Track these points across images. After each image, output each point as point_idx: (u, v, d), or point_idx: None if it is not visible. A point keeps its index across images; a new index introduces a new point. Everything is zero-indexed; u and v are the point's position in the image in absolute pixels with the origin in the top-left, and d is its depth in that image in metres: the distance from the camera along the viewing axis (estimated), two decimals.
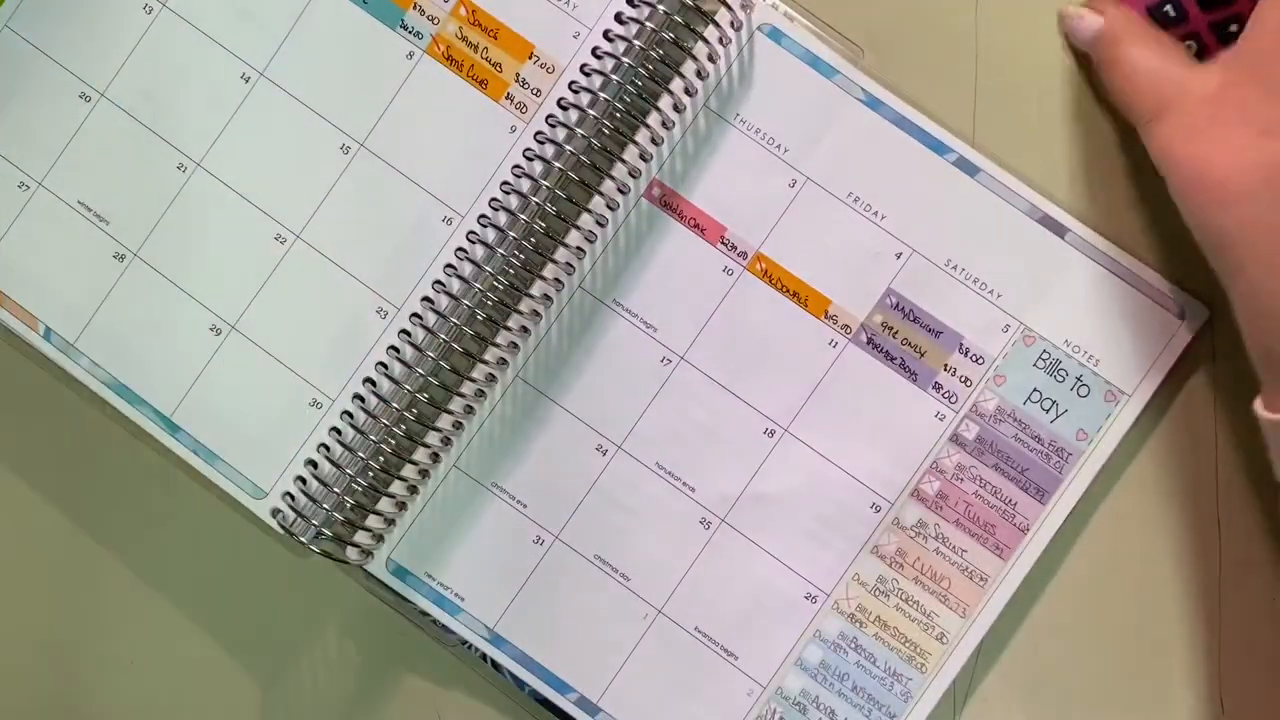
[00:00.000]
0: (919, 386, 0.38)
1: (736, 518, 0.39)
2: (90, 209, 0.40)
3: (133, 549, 0.41)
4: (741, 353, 0.38)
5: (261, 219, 0.40)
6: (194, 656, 0.41)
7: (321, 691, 0.41)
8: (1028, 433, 0.38)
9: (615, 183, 0.38)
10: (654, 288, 0.39)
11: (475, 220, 0.39)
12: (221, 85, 0.40)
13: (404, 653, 0.41)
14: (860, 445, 0.38)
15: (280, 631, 0.41)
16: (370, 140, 0.39)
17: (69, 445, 0.42)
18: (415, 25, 0.39)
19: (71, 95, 0.40)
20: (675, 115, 0.38)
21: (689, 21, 0.36)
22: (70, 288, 0.40)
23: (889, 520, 0.38)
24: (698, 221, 0.38)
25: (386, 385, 0.39)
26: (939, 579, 0.38)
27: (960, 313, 0.38)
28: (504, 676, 0.40)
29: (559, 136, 0.38)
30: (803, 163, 0.38)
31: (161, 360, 0.40)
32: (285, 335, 0.40)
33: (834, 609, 0.38)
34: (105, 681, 0.42)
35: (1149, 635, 0.38)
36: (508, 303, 0.38)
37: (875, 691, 0.38)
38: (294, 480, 0.39)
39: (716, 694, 0.39)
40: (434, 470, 0.39)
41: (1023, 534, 0.38)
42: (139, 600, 0.41)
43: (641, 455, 0.39)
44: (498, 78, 0.39)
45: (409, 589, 0.40)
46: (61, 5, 0.40)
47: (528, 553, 0.39)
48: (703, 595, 0.39)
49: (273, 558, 0.41)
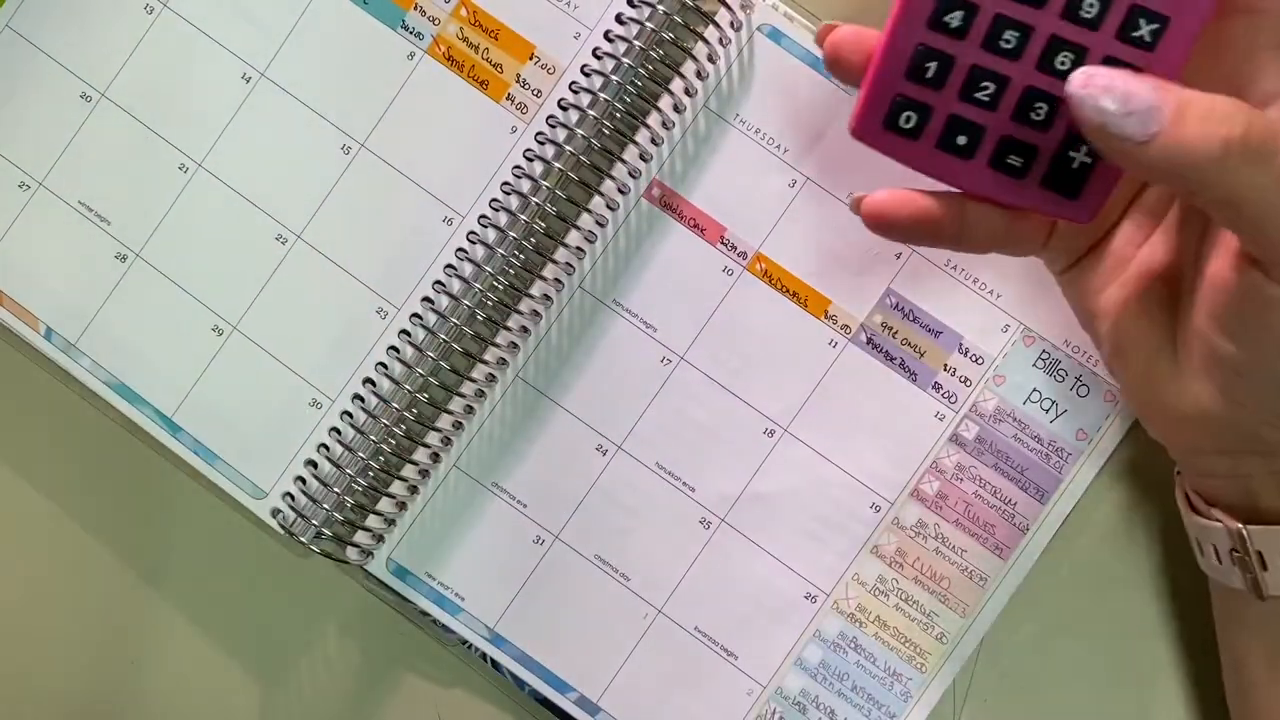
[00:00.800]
0: (919, 386, 0.38)
1: (736, 518, 0.39)
2: (91, 209, 0.40)
3: (132, 549, 0.41)
4: (741, 353, 0.38)
5: (262, 219, 0.40)
6: (194, 656, 0.41)
7: (321, 691, 0.41)
8: (1027, 433, 0.38)
9: (615, 183, 0.38)
10: (654, 288, 0.39)
11: (475, 220, 0.39)
12: (222, 85, 0.40)
13: (404, 653, 0.41)
14: (860, 445, 0.38)
15: (280, 631, 0.41)
16: (371, 140, 0.39)
17: (69, 445, 0.42)
18: (416, 26, 0.39)
19: (72, 95, 0.40)
20: (675, 115, 0.38)
21: (689, 22, 0.36)
22: (71, 288, 0.41)
23: (889, 520, 0.38)
24: (698, 221, 0.38)
25: (386, 385, 0.39)
26: (939, 579, 0.38)
27: (960, 313, 0.38)
28: (504, 676, 0.40)
29: (559, 137, 0.38)
30: (803, 163, 0.38)
31: (162, 360, 0.40)
32: (286, 335, 0.40)
33: (834, 609, 0.38)
34: (105, 681, 0.42)
35: (1149, 635, 0.38)
36: (508, 303, 0.38)
37: (875, 691, 0.38)
38: (294, 480, 0.39)
39: (716, 694, 0.39)
40: (434, 470, 0.39)
41: (1022, 534, 0.38)
42: (139, 600, 0.41)
43: (641, 455, 0.39)
44: (498, 78, 0.39)
45: (409, 589, 0.40)
46: (62, 5, 0.40)
47: (528, 553, 0.39)
48: (703, 595, 0.39)
49: (273, 558, 0.41)
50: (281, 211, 0.40)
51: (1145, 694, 0.38)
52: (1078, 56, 0.27)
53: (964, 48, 0.28)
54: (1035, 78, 0.28)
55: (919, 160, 0.29)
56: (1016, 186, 0.29)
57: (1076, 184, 0.29)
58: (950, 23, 0.28)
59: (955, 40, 0.28)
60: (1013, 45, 0.28)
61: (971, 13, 0.27)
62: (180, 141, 0.40)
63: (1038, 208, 0.29)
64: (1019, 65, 0.28)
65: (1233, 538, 0.31)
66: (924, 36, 0.28)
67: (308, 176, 0.39)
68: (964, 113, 0.29)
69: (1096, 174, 0.29)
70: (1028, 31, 0.27)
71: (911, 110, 0.29)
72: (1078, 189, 0.29)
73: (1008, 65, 0.28)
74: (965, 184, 0.29)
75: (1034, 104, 0.28)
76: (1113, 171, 0.29)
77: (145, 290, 0.40)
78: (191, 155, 0.40)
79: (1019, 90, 0.28)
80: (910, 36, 0.28)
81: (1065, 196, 0.29)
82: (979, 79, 0.28)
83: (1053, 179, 0.29)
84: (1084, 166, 0.29)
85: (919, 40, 0.28)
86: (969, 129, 0.29)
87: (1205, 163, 0.24)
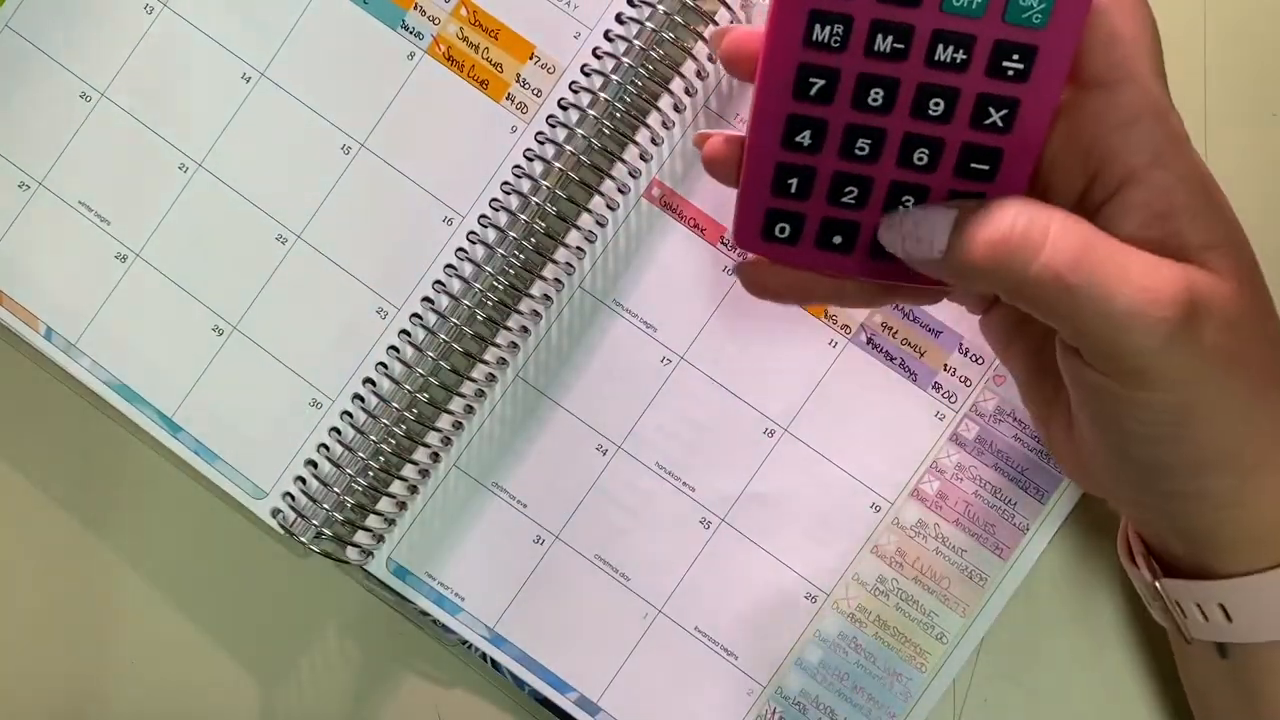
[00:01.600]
0: (919, 386, 0.38)
1: (736, 518, 0.39)
2: (91, 209, 0.40)
3: (133, 549, 0.41)
4: (741, 353, 0.38)
5: (263, 219, 0.40)
6: (194, 656, 0.41)
7: (321, 691, 0.41)
8: (1027, 432, 0.38)
9: (615, 183, 0.38)
10: (654, 288, 0.39)
11: (476, 220, 0.39)
12: (222, 85, 0.40)
13: (404, 653, 0.41)
14: (860, 445, 0.38)
15: (280, 631, 0.41)
16: (371, 140, 0.39)
17: (69, 445, 0.42)
18: (416, 25, 0.39)
19: (72, 95, 0.40)
20: (675, 115, 0.38)
21: (689, 22, 0.36)
22: (71, 288, 0.41)
23: (889, 520, 0.38)
24: (698, 221, 0.38)
25: (386, 385, 0.39)
26: (939, 579, 0.38)
27: (960, 312, 0.38)
28: (504, 676, 0.40)
29: (559, 137, 0.38)
30: None
31: (163, 360, 0.40)
32: (286, 335, 0.40)
33: (834, 609, 0.38)
34: (105, 681, 0.42)
35: (1149, 635, 0.38)
36: (508, 303, 0.38)
37: (875, 691, 0.38)
38: (294, 480, 0.39)
39: (716, 694, 0.39)
40: (434, 470, 0.39)
41: (1022, 534, 0.38)
42: (139, 600, 0.41)
43: (641, 455, 0.39)
44: (498, 78, 0.39)
45: (409, 589, 0.40)
46: (61, 5, 0.40)
47: (528, 552, 0.39)
48: (703, 595, 0.39)
49: (273, 558, 0.41)
50: (281, 211, 0.40)
51: (1145, 694, 0.38)
52: (933, 151, 0.27)
53: (822, 159, 0.28)
54: (897, 173, 0.28)
55: (804, 261, 0.30)
56: (902, 267, 0.29)
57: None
58: (802, 141, 0.28)
59: (811, 155, 0.28)
60: (868, 151, 0.28)
61: (821, 128, 0.28)
62: (180, 141, 0.40)
63: (926, 284, 0.29)
64: (879, 167, 0.28)
65: (1149, 588, 0.32)
66: (780, 155, 0.28)
67: (308, 176, 0.39)
68: (835, 214, 0.29)
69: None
70: (881, 134, 0.28)
71: (784, 221, 0.29)
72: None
73: (868, 168, 0.28)
74: (852, 273, 0.30)
75: (900, 197, 0.28)
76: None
77: (145, 290, 0.40)
78: (191, 155, 0.40)
79: (885, 186, 0.28)
80: (766, 156, 0.28)
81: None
82: (843, 184, 0.28)
83: None
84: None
85: (777, 158, 0.28)
86: (844, 228, 0.29)
87: (978, 271, 0.26)
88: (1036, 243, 0.25)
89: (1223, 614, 0.30)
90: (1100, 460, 0.30)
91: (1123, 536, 0.34)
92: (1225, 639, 0.31)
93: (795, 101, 0.27)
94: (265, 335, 0.40)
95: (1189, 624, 0.32)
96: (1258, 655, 0.31)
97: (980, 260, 0.26)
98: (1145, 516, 0.32)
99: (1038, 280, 0.25)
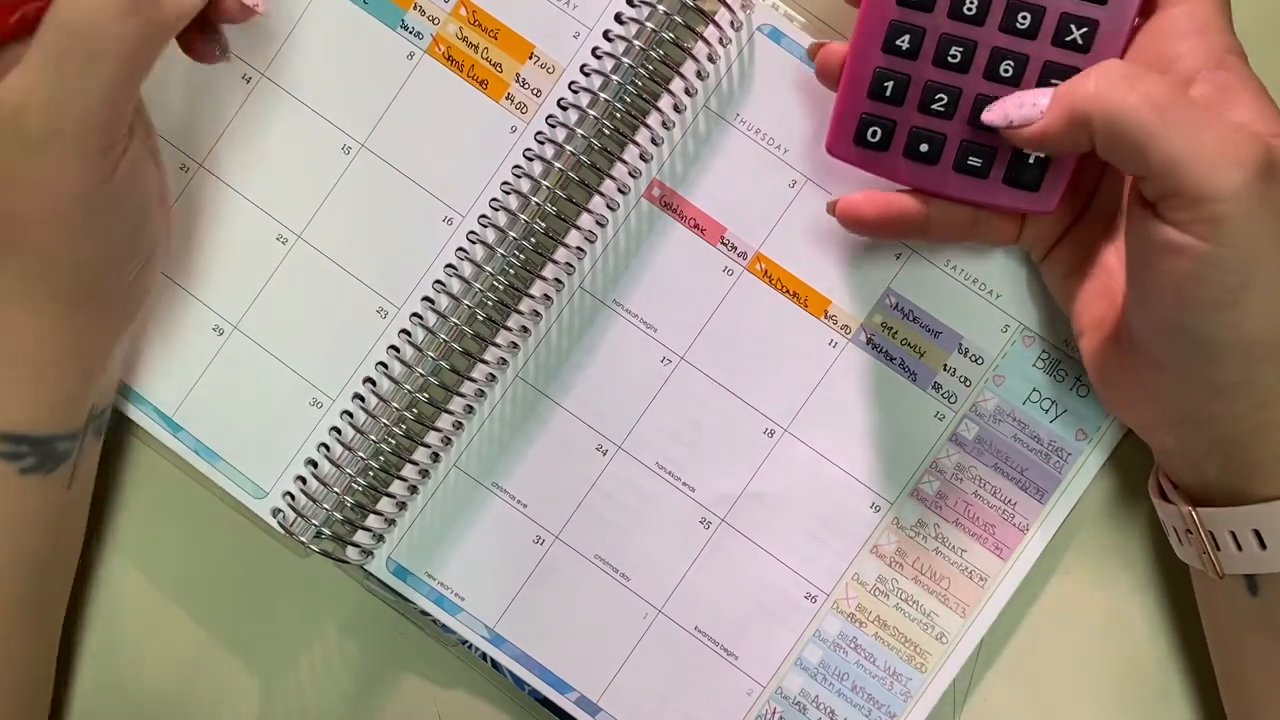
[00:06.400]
0: (919, 386, 0.38)
1: (736, 518, 0.39)
2: None
3: (133, 548, 0.41)
4: (741, 353, 0.38)
5: (263, 219, 0.40)
6: (194, 656, 0.41)
7: (321, 691, 0.41)
8: (1027, 432, 0.38)
9: (615, 183, 0.38)
10: (654, 288, 0.39)
11: (475, 220, 0.39)
12: (223, 86, 0.40)
13: (404, 653, 0.41)
14: (860, 445, 0.38)
15: (280, 631, 0.41)
16: (371, 140, 0.39)
17: None
18: (415, 25, 0.39)
19: None
20: (675, 115, 0.38)
21: (689, 21, 0.36)
22: None
23: (889, 520, 0.38)
24: (698, 222, 0.38)
25: (386, 385, 0.39)
26: (939, 579, 0.38)
27: (960, 313, 0.38)
28: (504, 676, 0.40)
29: (559, 137, 0.38)
30: (803, 163, 0.38)
31: (163, 360, 0.40)
32: (286, 335, 0.40)
33: (834, 609, 0.38)
34: (106, 681, 0.42)
35: (1149, 634, 0.38)
36: (508, 303, 0.38)
37: (875, 691, 0.38)
38: (294, 480, 0.39)
39: (716, 693, 0.39)
40: (434, 470, 0.39)
41: (1022, 534, 0.38)
42: (139, 600, 0.41)
43: (641, 455, 0.39)
44: (498, 78, 0.39)
45: (409, 589, 0.40)
46: None
47: (528, 553, 0.39)
48: (703, 595, 0.39)
49: (273, 558, 0.41)
50: (282, 211, 0.40)
51: (1145, 694, 0.38)
52: (1019, 64, 0.31)
53: (917, 66, 0.32)
54: (984, 86, 0.32)
55: (890, 170, 0.33)
56: (982, 186, 0.32)
57: (1035, 178, 0.32)
58: (901, 45, 0.32)
59: (908, 61, 0.32)
60: (959, 60, 0.32)
61: (919, 35, 0.31)
62: (181, 142, 0.40)
63: (1004, 203, 0.33)
64: (968, 77, 0.32)
65: (1185, 520, 0.33)
66: (880, 60, 0.32)
67: (308, 177, 0.40)
68: (924, 124, 0.32)
69: (1052, 167, 0.32)
70: (972, 47, 0.32)
71: (877, 126, 0.33)
72: (1037, 182, 0.32)
73: (958, 78, 0.32)
74: (936, 188, 0.33)
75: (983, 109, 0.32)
76: (1065, 163, 0.32)
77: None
78: (192, 156, 0.40)
79: (971, 99, 0.32)
80: (868, 60, 0.32)
81: (1027, 190, 0.32)
82: (934, 92, 0.32)
83: (1013, 176, 0.33)
84: (1039, 161, 0.32)
85: (876, 64, 0.32)
86: (931, 138, 0.33)
87: (1081, 110, 0.29)
88: (1137, 79, 0.28)
89: (1257, 541, 0.31)
90: (1151, 358, 0.31)
91: (1154, 478, 0.35)
92: (1258, 569, 0.31)
93: (898, 7, 0.32)
94: (266, 335, 0.40)
95: (1221, 556, 0.32)
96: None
97: (1081, 100, 0.28)
98: (1184, 436, 0.32)
99: (1137, 109, 0.27)
